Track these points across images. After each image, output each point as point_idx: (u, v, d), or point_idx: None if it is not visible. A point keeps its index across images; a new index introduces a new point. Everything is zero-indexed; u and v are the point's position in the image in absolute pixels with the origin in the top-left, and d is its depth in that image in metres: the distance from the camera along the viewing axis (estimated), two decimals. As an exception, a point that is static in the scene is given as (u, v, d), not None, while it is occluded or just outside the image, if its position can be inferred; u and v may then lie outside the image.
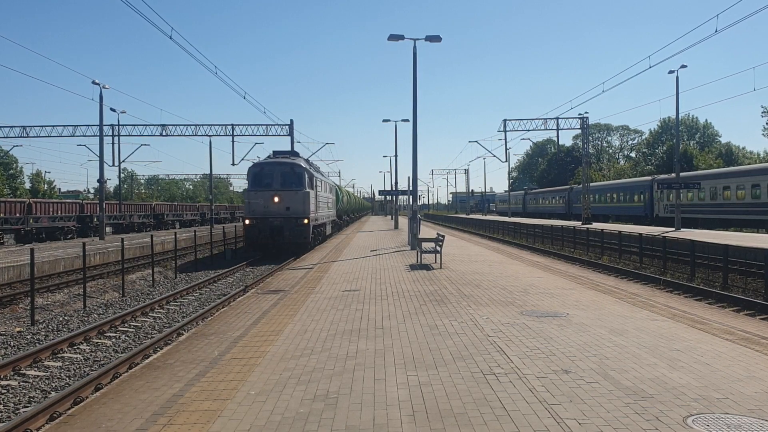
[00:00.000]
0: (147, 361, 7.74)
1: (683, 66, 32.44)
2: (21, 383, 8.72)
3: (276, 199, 26.11)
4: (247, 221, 26.66)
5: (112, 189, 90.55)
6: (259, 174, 27.21)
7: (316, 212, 28.74)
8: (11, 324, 13.15)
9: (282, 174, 26.84)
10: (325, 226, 33.75)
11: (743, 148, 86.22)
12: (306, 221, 26.25)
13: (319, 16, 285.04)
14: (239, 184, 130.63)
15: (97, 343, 11.23)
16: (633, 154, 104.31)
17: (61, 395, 7.50)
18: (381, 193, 48.73)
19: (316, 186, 29.24)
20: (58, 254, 23.61)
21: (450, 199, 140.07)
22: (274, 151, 31.27)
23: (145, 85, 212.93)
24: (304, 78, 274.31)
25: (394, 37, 24.31)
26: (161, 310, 14.67)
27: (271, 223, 26.06)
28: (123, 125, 43.88)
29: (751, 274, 16.91)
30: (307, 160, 32.11)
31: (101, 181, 37.23)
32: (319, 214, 30.52)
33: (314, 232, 28.57)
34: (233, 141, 44.18)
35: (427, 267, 17.94)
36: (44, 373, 9.24)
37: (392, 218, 62.38)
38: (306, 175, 27.15)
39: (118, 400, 6.00)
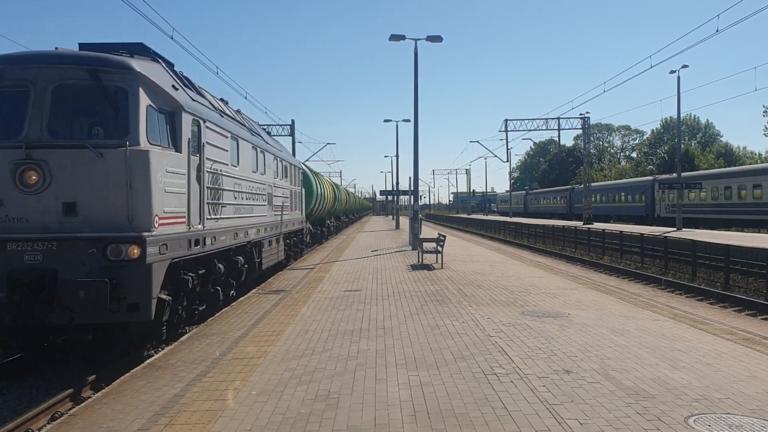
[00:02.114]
0: (148, 361, 7.74)
1: (684, 66, 32.47)
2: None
3: (33, 178, 8.03)
4: None
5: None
6: None
7: (200, 218, 10.03)
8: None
9: (59, 95, 8.34)
10: (258, 248, 14.61)
11: (744, 148, 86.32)
12: (135, 252, 7.98)
13: (320, 16, 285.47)
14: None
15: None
16: (634, 154, 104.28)
17: (63, 395, 7.49)
18: (382, 193, 48.84)
19: (204, 144, 10.33)
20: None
21: (451, 199, 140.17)
22: (80, 44, 9.72)
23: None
24: (305, 78, 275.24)
25: (395, 38, 24.32)
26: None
27: (13, 257, 7.90)
28: (124, 125, 43.56)
29: (753, 274, 16.89)
30: (174, 72, 10.37)
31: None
32: (224, 222, 11.47)
33: (195, 277, 9.91)
34: (234, 141, 43.82)
35: (428, 267, 17.93)
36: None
37: (393, 218, 62.39)
38: (146, 99, 8.59)
39: (120, 400, 6.00)
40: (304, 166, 27.33)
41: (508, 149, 50.00)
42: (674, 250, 21.31)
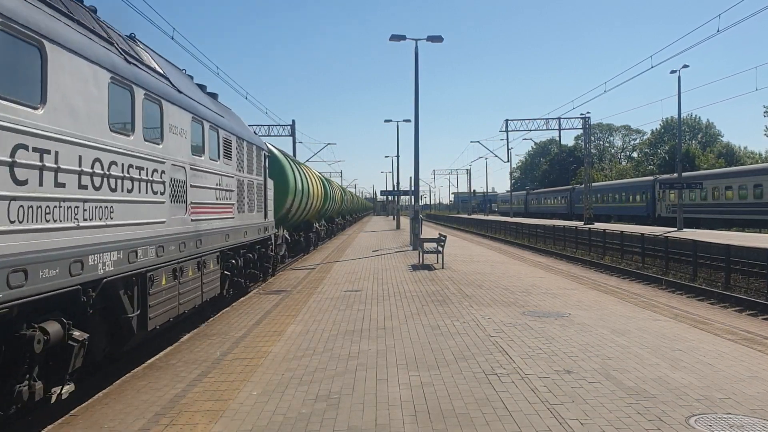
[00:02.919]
0: (149, 361, 7.74)
1: (685, 66, 32.52)
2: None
3: None
4: None
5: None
6: None
7: None
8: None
9: None
10: (138, 289, 7.35)
11: (745, 148, 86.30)
12: None
13: (320, 15, 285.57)
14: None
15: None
16: (635, 154, 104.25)
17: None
18: (383, 193, 48.90)
19: None
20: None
21: (452, 199, 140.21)
22: None
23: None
24: (305, 78, 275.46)
25: (395, 38, 24.30)
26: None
27: None
28: (124, 126, 43.43)
29: (754, 274, 16.87)
30: None
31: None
32: None
33: None
34: (234, 141, 43.61)
35: (429, 267, 17.93)
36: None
37: (394, 218, 62.39)
38: None
39: (120, 401, 6.00)
40: (274, 149, 19.49)
41: (508, 149, 49.91)
42: (675, 250, 21.29)
